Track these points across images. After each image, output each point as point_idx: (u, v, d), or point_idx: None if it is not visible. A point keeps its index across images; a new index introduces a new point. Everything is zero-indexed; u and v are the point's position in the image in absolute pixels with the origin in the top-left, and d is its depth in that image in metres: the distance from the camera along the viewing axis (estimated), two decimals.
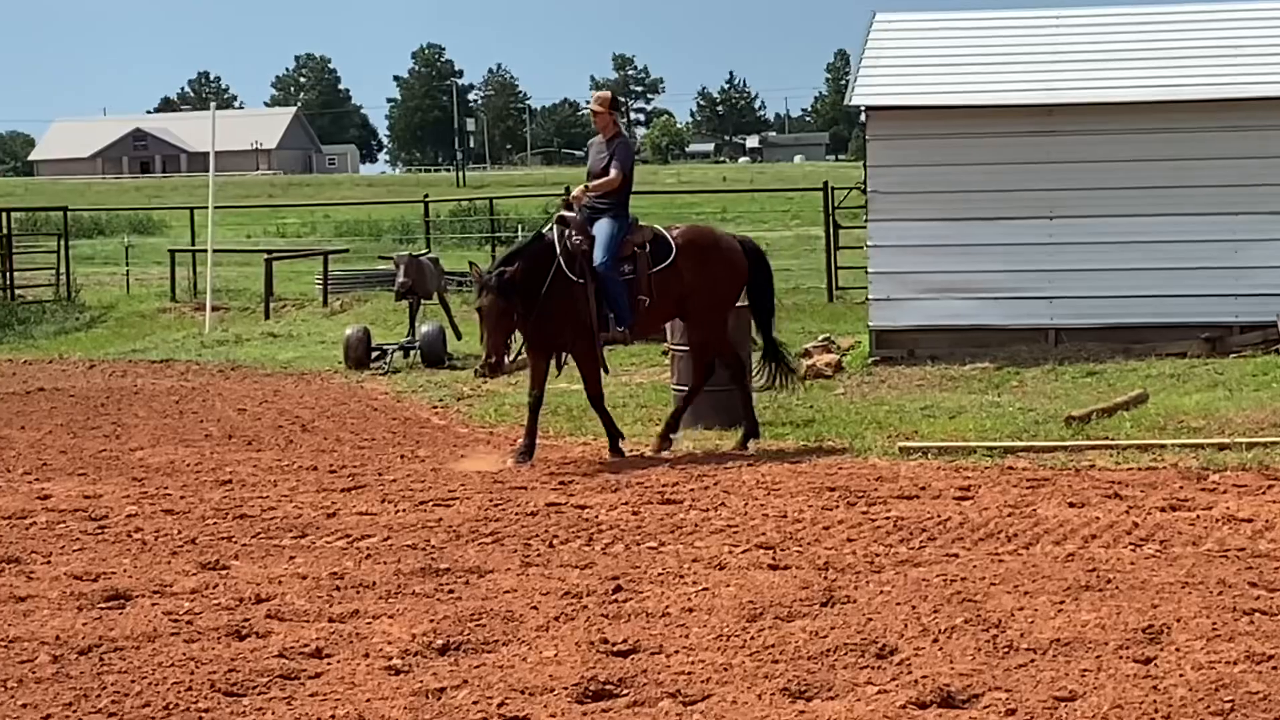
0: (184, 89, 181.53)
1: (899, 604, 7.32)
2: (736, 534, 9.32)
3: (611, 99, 13.29)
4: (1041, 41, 18.77)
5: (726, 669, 6.36)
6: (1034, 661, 6.36)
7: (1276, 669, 6.15)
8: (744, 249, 13.39)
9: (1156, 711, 5.70)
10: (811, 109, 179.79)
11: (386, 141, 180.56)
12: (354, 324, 21.50)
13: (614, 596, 7.68)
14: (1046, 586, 7.60)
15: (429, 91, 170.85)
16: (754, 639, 6.80)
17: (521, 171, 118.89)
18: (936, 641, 6.67)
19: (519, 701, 6.02)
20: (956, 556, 8.54)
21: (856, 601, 7.44)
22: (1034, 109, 17.77)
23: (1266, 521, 9.21)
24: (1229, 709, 5.69)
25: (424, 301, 20.69)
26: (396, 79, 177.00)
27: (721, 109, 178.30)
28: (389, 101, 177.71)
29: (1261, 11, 18.61)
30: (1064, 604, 7.22)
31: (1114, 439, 12.40)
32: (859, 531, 9.29)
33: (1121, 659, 6.37)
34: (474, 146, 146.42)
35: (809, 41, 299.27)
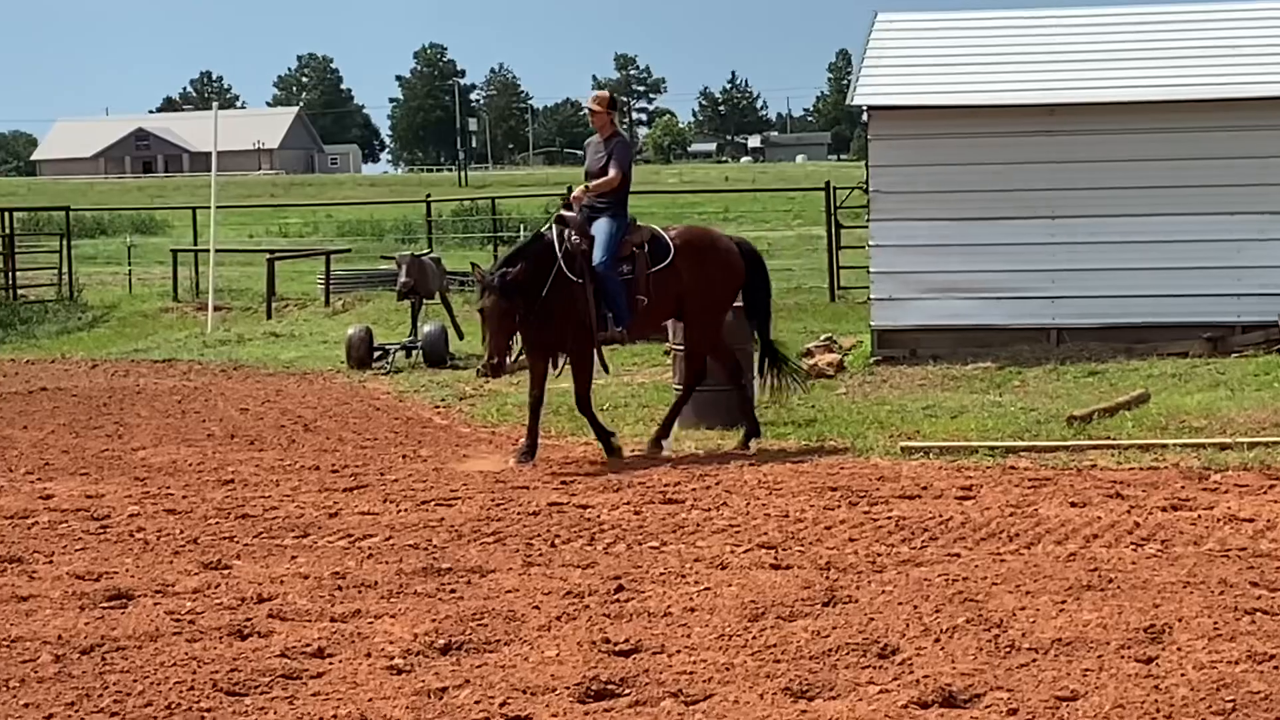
0: (186, 89, 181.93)
1: (901, 604, 7.32)
2: (738, 534, 9.32)
3: (610, 99, 13.28)
4: (1043, 41, 18.76)
5: (728, 668, 6.37)
6: (1036, 661, 6.36)
7: (1278, 669, 6.14)
8: (740, 251, 13.39)
9: (1158, 711, 5.70)
10: (813, 109, 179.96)
11: (389, 141, 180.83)
12: (356, 324, 21.52)
13: (616, 596, 7.68)
14: (1048, 586, 7.60)
15: (431, 91, 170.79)
16: (756, 639, 6.80)
17: (524, 171, 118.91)
18: (938, 641, 6.67)
19: (521, 701, 6.03)
20: (958, 556, 8.54)
21: (858, 601, 7.44)
22: (1036, 109, 17.76)
23: (1268, 521, 9.21)
24: (1230, 709, 5.69)
25: (426, 301, 20.71)
26: (399, 79, 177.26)
27: (724, 109, 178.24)
28: (391, 101, 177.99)
29: (1263, 11, 18.61)
30: (1066, 604, 7.22)
31: (1116, 439, 12.40)
32: (861, 531, 9.30)
33: (1123, 659, 6.37)
34: (476, 146, 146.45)
35: (811, 41, 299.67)
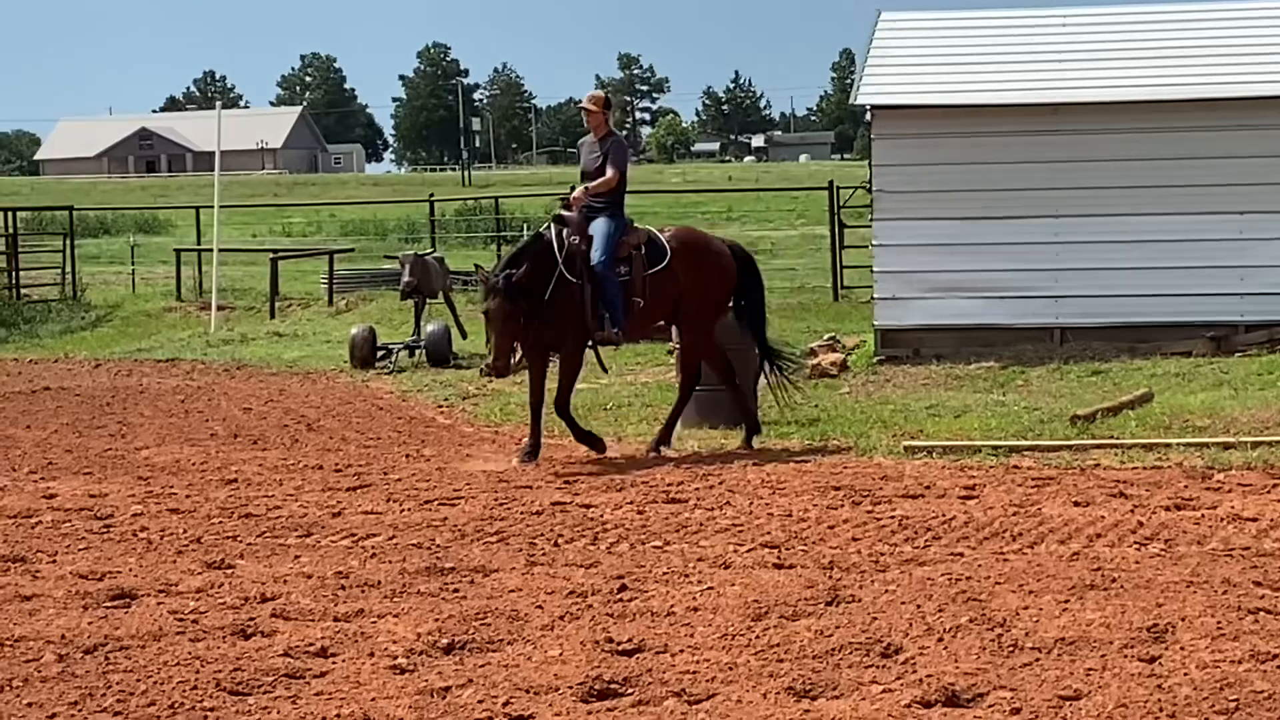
0: (189, 88, 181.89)
1: (904, 603, 7.31)
2: (741, 533, 9.32)
3: (605, 99, 13.27)
4: (1047, 40, 18.76)
5: (731, 668, 6.36)
6: (1039, 660, 6.36)
7: None
8: (732, 253, 13.38)
9: (1161, 710, 5.69)
10: (817, 108, 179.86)
11: (392, 141, 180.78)
12: (359, 323, 21.52)
13: (619, 595, 7.68)
14: (1051, 585, 7.59)
15: (434, 91, 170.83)
16: (759, 638, 6.80)
17: (527, 171, 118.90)
18: (941, 640, 6.66)
19: (524, 700, 6.02)
20: (961, 555, 8.54)
21: (861, 600, 7.44)
22: (1039, 108, 17.75)
23: (1271, 520, 9.20)
24: (1234, 708, 5.68)
25: (429, 301, 20.72)
26: (402, 78, 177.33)
27: (727, 108, 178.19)
28: (394, 101, 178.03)
29: (1268, 9, 18.59)
30: (1069, 603, 7.22)
31: (1119, 438, 12.39)
32: (864, 530, 9.29)
33: (1126, 658, 6.37)
34: (479, 146, 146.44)
35: (814, 41, 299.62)
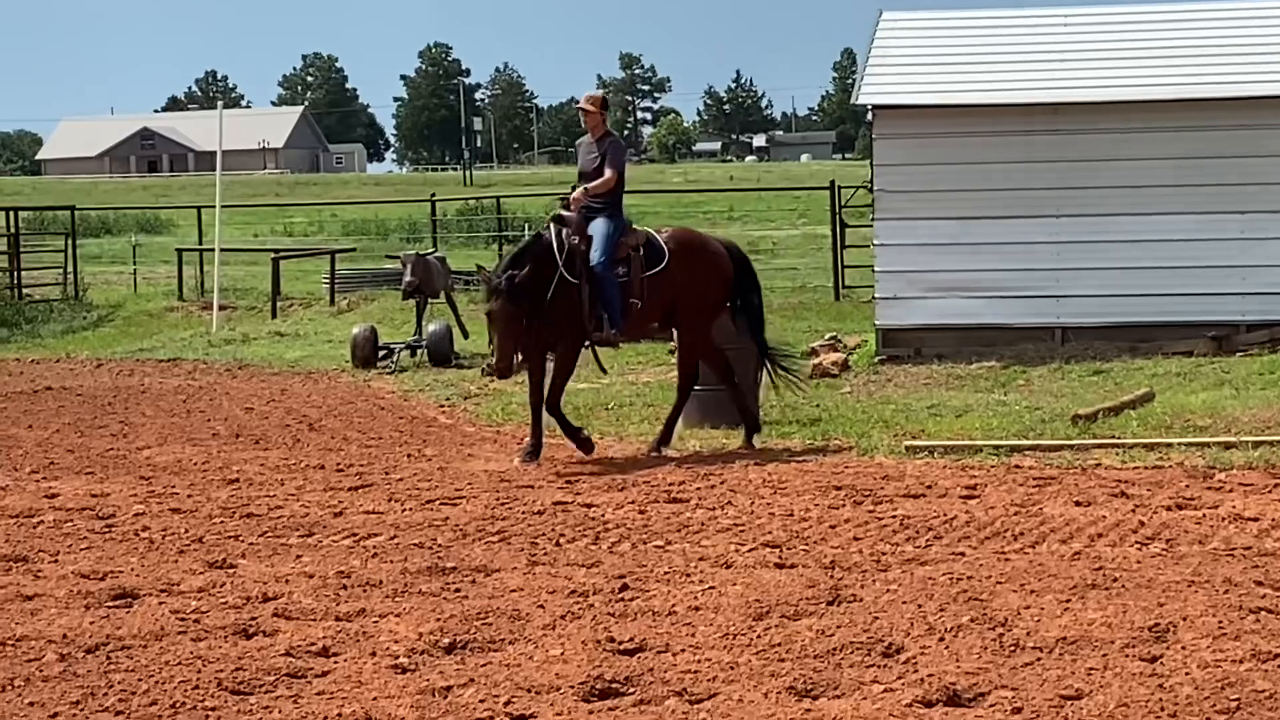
0: (191, 88, 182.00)
1: (905, 602, 7.32)
2: (743, 532, 9.32)
3: (602, 99, 13.27)
4: (1048, 40, 18.75)
5: (733, 667, 6.37)
6: (1040, 660, 6.36)
7: None
8: (729, 253, 13.38)
9: (1162, 710, 5.69)
10: (818, 108, 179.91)
11: (394, 140, 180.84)
12: (361, 323, 21.52)
13: (620, 595, 7.68)
14: (1053, 585, 7.59)
15: (436, 90, 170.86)
16: (760, 637, 6.80)
17: (529, 170, 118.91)
18: (943, 640, 6.67)
19: (525, 700, 6.02)
20: (963, 555, 8.54)
21: (863, 600, 7.44)
22: (1041, 108, 17.75)
23: (1272, 520, 9.20)
24: (1235, 707, 5.69)
25: (431, 300, 20.72)
26: (403, 78, 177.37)
27: (728, 108, 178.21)
28: (396, 100, 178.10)
29: (1268, 9, 18.59)
30: (1070, 603, 7.22)
31: (1120, 438, 12.39)
32: (865, 530, 9.29)
33: (1127, 657, 6.37)
34: (481, 145, 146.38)
35: (816, 40, 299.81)
